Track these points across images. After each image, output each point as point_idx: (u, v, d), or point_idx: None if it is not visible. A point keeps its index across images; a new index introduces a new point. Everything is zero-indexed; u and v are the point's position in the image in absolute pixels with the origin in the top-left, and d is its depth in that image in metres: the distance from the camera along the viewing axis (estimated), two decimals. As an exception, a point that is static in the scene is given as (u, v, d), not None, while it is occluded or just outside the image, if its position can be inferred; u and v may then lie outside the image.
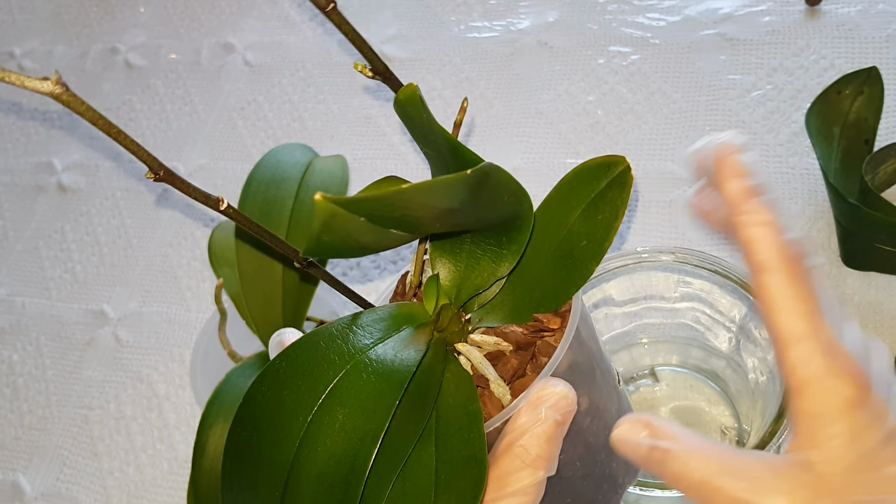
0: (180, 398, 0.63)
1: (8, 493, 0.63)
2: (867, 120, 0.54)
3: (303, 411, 0.28)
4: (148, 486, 0.60)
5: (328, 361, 0.29)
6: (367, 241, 0.27)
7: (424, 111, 0.28)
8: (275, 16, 0.83)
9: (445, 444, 0.29)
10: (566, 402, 0.29)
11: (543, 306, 0.32)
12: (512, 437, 0.29)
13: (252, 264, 0.48)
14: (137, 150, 0.25)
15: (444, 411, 0.29)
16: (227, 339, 0.51)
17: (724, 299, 0.47)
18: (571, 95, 0.68)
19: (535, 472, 0.29)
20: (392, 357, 0.29)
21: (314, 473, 0.27)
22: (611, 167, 0.30)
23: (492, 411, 0.30)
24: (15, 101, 0.88)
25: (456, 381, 0.30)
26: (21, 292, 0.74)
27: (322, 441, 0.27)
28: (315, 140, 0.73)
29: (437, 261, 0.33)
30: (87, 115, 0.23)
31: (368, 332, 0.30)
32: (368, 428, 0.27)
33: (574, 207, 0.31)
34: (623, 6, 0.71)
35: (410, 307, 0.32)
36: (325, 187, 0.48)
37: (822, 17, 0.65)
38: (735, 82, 0.64)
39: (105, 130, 0.24)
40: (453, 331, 0.32)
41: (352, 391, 0.28)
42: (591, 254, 0.31)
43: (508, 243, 0.31)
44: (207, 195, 0.27)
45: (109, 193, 0.77)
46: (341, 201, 0.23)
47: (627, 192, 0.30)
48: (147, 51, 0.86)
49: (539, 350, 0.31)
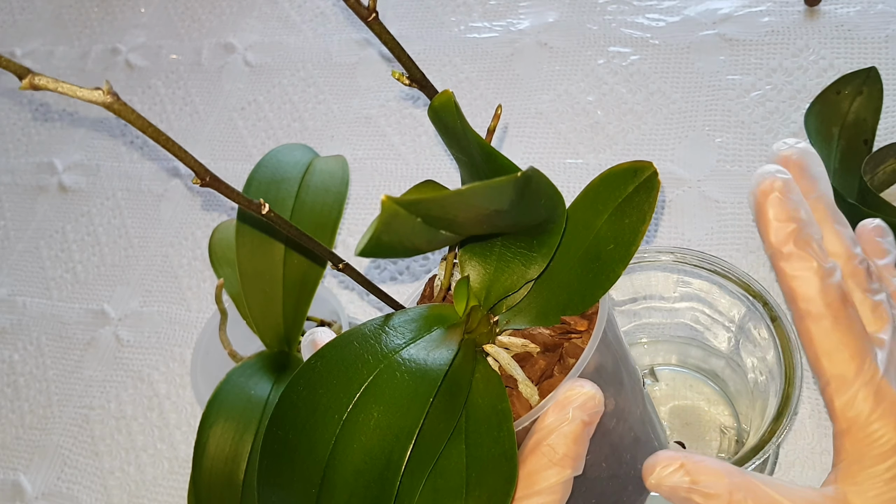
0: (181, 398, 0.64)
1: (9, 493, 0.63)
2: (866, 120, 0.54)
3: (338, 409, 0.28)
4: (149, 486, 0.60)
5: (362, 361, 0.29)
6: (418, 241, 0.27)
7: (459, 118, 0.29)
8: (275, 16, 0.84)
9: (475, 442, 0.29)
10: (593, 402, 0.30)
11: (570, 309, 0.32)
12: (539, 437, 0.30)
13: (252, 264, 0.48)
14: (185, 156, 0.26)
15: (474, 410, 0.30)
16: (227, 339, 0.51)
17: (723, 299, 0.47)
18: (571, 96, 0.68)
19: (562, 471, 0.29)
20: (424, 357, 0.29)
21: (350, 470, 0.28)
22: (637, 172, 0.31)
23: (520, 411, 0.31)
24: (16, 101, 0.88)
25: (485, 381, 0.31)
26: (22, 292, 0.74)
27: (358, 438, 0.28)
28: (315, 140, 0.73)
29: (467, 263, 0.33)
30: (138, 124, 0.24)
31: (400, 332, 0.31)
32: (403, 425, 0.27)
33: (601, 212, 0.32)
34: (623, 7, 0.71)
35: (441, 308, 0.33)
36: (326, 187, 0.48)
37: (822, 18, 0.65)
38: (734, 83, 0.64)
39: (154, 138, 0.24)
40: (482, 332, 0.33)
41: (386, 389, 0.28)
42: (618, 257, 0.31)
43: (539, 246, 0.31)
44: (250, 200, 0.28)
45: (110, 193, 0.77)
46: (404, 202, 0.23)
47: (654, 196, 0.31)
48: (148, 51, 0.86)
49: (566, 352, 0.32)
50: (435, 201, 0.24)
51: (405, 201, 0.23)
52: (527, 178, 0.25)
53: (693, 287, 0.48)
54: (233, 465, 0.43)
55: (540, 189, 0.28)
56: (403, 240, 0.26)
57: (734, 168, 0.60)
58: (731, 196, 0.59)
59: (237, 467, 0.43)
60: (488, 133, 0.33)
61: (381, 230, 0.24)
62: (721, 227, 0.58)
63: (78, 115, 0.84)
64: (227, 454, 0.43)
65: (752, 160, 0.60)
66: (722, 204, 0.59)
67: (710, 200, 0.60)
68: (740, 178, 0.60)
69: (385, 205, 0.23)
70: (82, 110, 0.84)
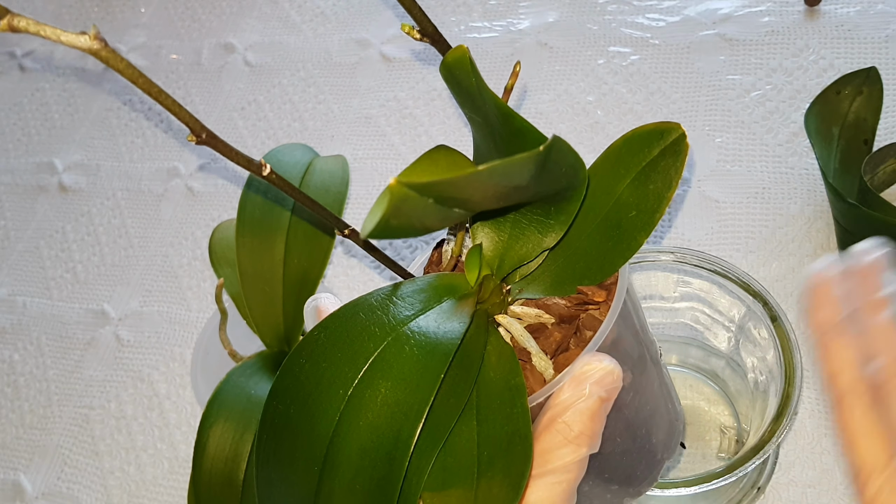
0: (181, 397, 0.64)
1: (9, 493, 0.63)
2: (866, 120, 0.54)
3: (343, 384, 0.27)
4: (149, 486, 0.60)
5: (368, 333, 0.28)
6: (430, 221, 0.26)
7: (474, 75, 0.27)
8: (275, 16, 0.84)
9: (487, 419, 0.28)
10: (612, 378, 0.28)
11: (588, 278, 0.30)
12: (554, 413, 0.28)
13: (252, 264, 0.48)
14: (179, 110, 0.24)
15: (486, 386, 0.28)
16: (227, 339, 0.51)
17: (723, 299, 0.47)
18: (571, 95, 0.68)
19: (577, 450, 0.28)
20: (435, 329, 0.28)
21: (356, 448, 0.26)
22: (664, 134, 0.29)
23: (534, 386, 0.29)
24: (16, 101, 0.88)
25: (497, 354, 0.29)
26: (22, 292, 0.74)
27: (364, 415, 0.26)
28: (315, 140, 0.73)
29: (479, 231, 0.32)
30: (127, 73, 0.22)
31: (409, 303, 0.29)
32: (413, 401, 0.26)
33: (623, 176, 0.30)
34: (623, 6, 0.71)
35: (451, 278, 0.31)
36: (326, 187, 0.48)
37: (822, 18, 0.65)
38: (734, 82, 0.64)
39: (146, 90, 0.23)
40: (494, 302, 0.31)
41: (394, 364, 0.27)
42: (641, 225, 0.29)
43: (557, 214, 0.29)
44: (250, 160, 0.26)
45: (110, 193, 0.77)
46: (415, 185, 0.22)
47: (682, 160, 0.28)
48: (148, 51, 0.86)
49: (583, 324, 0.30)
50: (450, 183, 0.22)
51: (417, 185, 0.22)
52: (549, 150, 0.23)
53: (693, 287, 0.48)
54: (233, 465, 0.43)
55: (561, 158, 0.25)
56: (414, 221, 0.24)
57: (734, 168, 0.60)
58: (731, 196, 0.59)
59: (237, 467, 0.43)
60: (505, 92, 0.31)
61: (391, 214, 0.22)
62: (721, 227, 0.58)
63: (78, 115, 0.84)
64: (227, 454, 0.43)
65: (752, 160, 0.60)
66: (722, 204, 0.59)
67: (710, 200, 0.60)
68: (740, 178, 0.60)
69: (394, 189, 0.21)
70: (82, 110, 0.84)
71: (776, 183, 0.59)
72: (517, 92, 0.69)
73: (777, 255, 0.56)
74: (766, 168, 0.60)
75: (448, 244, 0.34)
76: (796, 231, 0.57)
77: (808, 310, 0.30)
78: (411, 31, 0.30)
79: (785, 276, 0.55)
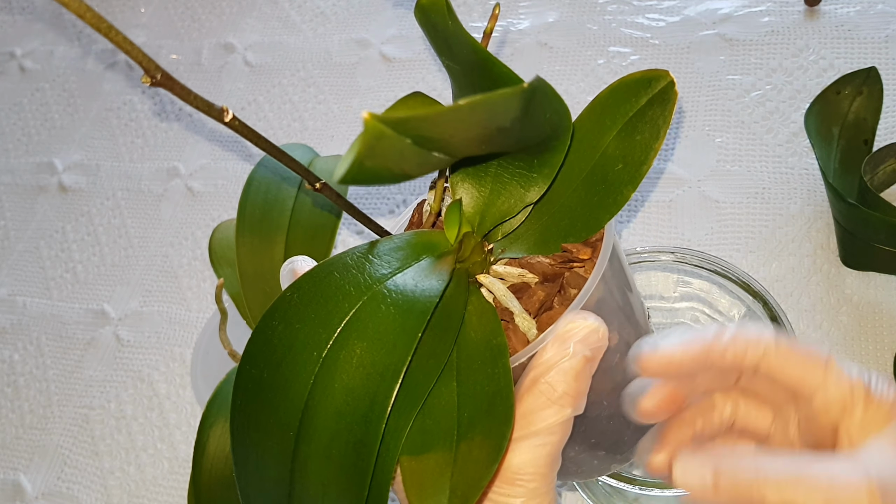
0: (181, 398, 0.64)
1: (9, 493, 0.63)
2: (866, 120, 0.54)
3: (317, 346, 0.26)
4: (149, 486, 0.60)
5: (343, 293, 0.27)
6: (408, 166, 0.24)
7: (451, 17, 0.26)
8: (275, 16, 0.84)
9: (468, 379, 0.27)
10: (597, 336, 0.27)
11: (573, 235, 0.29)
12: (537, 373, 0.27)
13: (252, 264, 0.48)
14: (131, 48, 0.22)
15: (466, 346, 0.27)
16: (227, 339, 0.51)
17: (723, 299, 0.47)
18: (571, 95, 0.68)
19: (561, 410, 0.27)
20: (413, 288, 0.27)
21: (331, 411, 0.25)
22: (652, 82, 0.28)
23: (517, 346, 0.28)
24: (16, 101, 0.88)
25: (478, 314, 0.28)
26: (22, 292, 0.74)
27: (339, 377, 0.25)
28: (315, 140, 0.73)
29: (459, 186, 0.30)
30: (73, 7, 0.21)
31: (386, 261, 0.28)
32: (389, 362, 0.25)
33: (609, 128, 0.29)
34: (623, 7, 0.71)
35: (430, 235, 0.30)
36: (326, 187, 0.48)
37: (822, 18, 0.65)
38: (734, 82, 0.64)
39: (94, 25, 0.21)
40: (475, 261, 0.30)
41: (370, 324, 0.26)
42: (628, 178, 0.28)
43: (540, 166, 0.28)
44: (210, 104, 0.25)
45: (110, 193, 0.77)
46: (391, 121, 0.20)
47: (670, 109, 0.28)
48: (148, 51, 0.86)
49: (567, 282, 0.29)
50: (428, 119, 0.21)
51: (392, 120, 0.20)
52: (532, 90, 0.22)
53: (693, 287, 0.48)
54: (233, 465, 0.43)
55: (545, 102, 0.24)
56: (390, 164, 0.23)
57: (734, 168, 0.60)
58: (731, 196, 0.59)
59: (237, 467, 0.43)
60: (484, 37, 0.30)
61: (365, 154, 0.21)
62: (721, 227, 0.58)
63: (78, 115, 0.84)
64: (227, 454, 0.43)
65: (752, 160, 0.60)
66: (722, 204, 0.59)
67: (710, 200, 0.60)
68: (740, 178, 0.60)
69: (368, 124, 0.20)
70: (82, 110, 0.84)
71: (776, 183, 0.59)
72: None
73: (777, 255, 0.56)
74: (766, 168, 0.60)
75: (427, 205, 0.32)
76: (796, 231, 0.57)
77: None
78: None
79: (785, 276, 0.55)
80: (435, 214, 0.32)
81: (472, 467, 0.25)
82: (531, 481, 0.27)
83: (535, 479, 0.27)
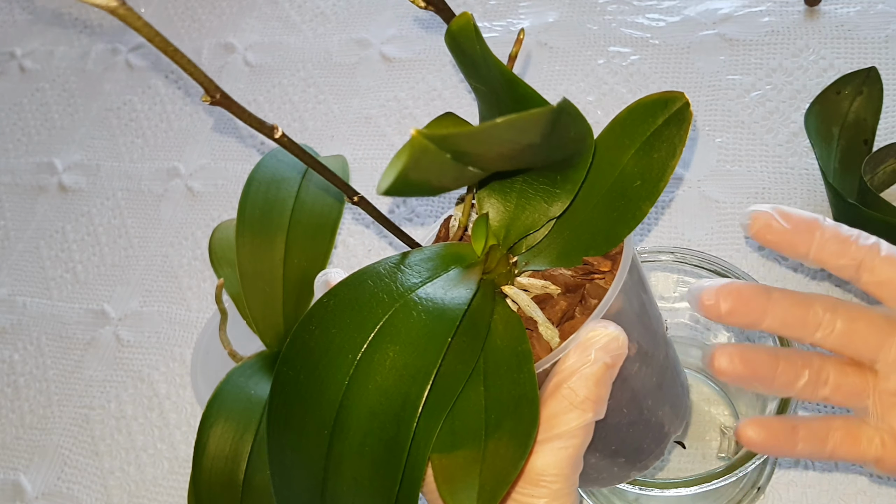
0: (181, 398, 0.64)
1: (9, 493, 0.63)
2: (866, 120, 0.54)
3: (352, 349, 0.28)
4: (149, 486, 0.60)
5: (377, 300, 0.28)
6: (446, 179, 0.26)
7: (479, 42, 0.28)
8: (275, 16, 0.84)
9: (495, 384, 0.28)
10: (617, 343, 0.29)
11: (594, 249, 0.31)
12: (560, 379, 0.28)
13: (252, 264, 0.48)
14: (194, 70, 0.24)
15: (493, 352, 0.29)
16: (227, 339, 0.51)
17: (723, 299, 0.47)
18: (571, 95, 0.68)
19: (583, 414, 0.28)
20: (442, 296, 0.28)
21: (365, 411, 0.27)
22: (668, 103, 0.29)
23: (540, 354, 0.30)
24: (16, 101, 0.88)
25: (504, 322, 0.30)
26: (22, 292, 0.74)
27: (373, 378, 0.27)
28: (315, 140, 0.73)
29: (486, 201, 0.32)
30: (144, 32, 0.22)
31: (416, 271, 0.30)
32: (421, 364, 0.27)
33: (628, 146, 0.30)
34: (623, 7, 0.71)
35: (458, 247, 0.31)
36: (326, 187, 0.48)
37: (822, 18, 0.65)
38: (734, 82, 0.64)
39: (161, 48, 0.23)
40: (501, 273, 0.31)
41: (402, 329, 0.27)
42: (646, 194, 0.30)
43: (563, 182, 0.30)
44: (262, 122, 0.27)
45: (110, 193, 0.77)
46: (435, 137, 0.22)
47: (685, 129, 0.29)
48: (148, 51, 0.86)
49: (588, 292, 0.31)
50: (467, 135, 0.23)
51: (437, 136, 0.22)
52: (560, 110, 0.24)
53: (693, 287, 0.48)
54: (233, 465, 0.43)
55: (570, 121, 0.26)
56: (431, 177, 0.25)
57: (734, 168, 0.60)
58: (731, 196, 0.59)
59: (237, 467, 0.43)
60: (510, 60, 0.32)
61: (410, 167, 0.22)
62: (721, 227, 0.58)
63: (78, 115, 0.84)
64: (227, 454, 0.43)
65: (752, 160, 0.60)
66: (722, 204, 0.59)
67: (710, 200, 0.60)
68: (740, 178, 0.60)
69: (415, 140, 0.21)
70: (82, 110, 0.84)
71: (776, 183, 0.59)
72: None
73: (777, 255, 0.56)
74: (766, 168, 0.60)
75: (455, 220, 0.34)
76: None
77: None
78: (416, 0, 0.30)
79: (785, 276, 0.55)
80: (462, 228, 0.33)
81: (499, 464, 0.26)
82: (554, 482, 0.28)
83: (559, 480, 0.28)
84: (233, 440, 0.43)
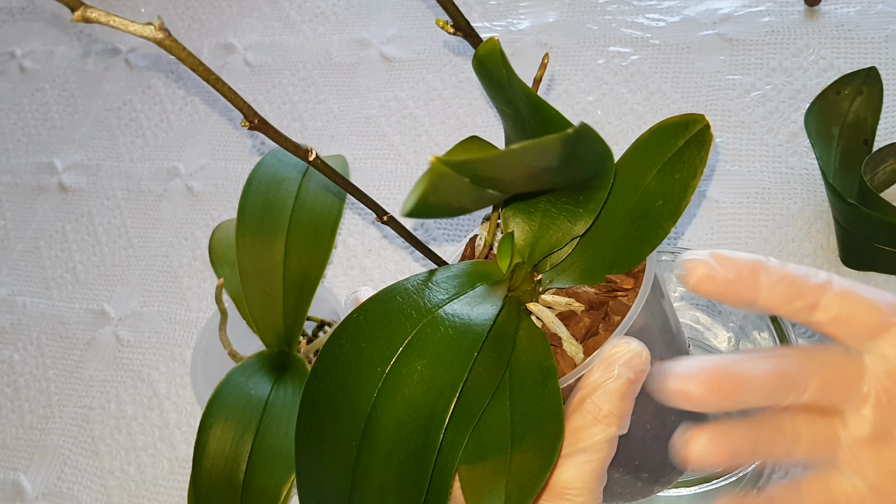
0: (181, 398, 0.64)
1: (9, 493, 0.63)
2: (866, 120, 0.54)
3: (381, 362, 0.28)
4: (149, 486, 0.60)
5: (405, 315, 0.29)
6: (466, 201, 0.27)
7: (505, 67, 0.28)
8: (275, 16, 0.84)
9: (520, 398, 0.29)
10: (640, 359, 0.29)
11: (617, 267, 0.32)
12: (584, 393, 0.29)
13: (252, 264, 0.48)
14: (235, 98, 0.26)
15: (518, 367, 0.30)
16: (227, 339, 0.51)
17: (723, 299, 0.47)
18: (571, 95, 0.68)
19: (606, 429, 0.29)
20: (468, 312, 0.29)
21: (393, 422, 0.28)
22: (689, 126, 0.30)
23: (564, 369, 0.30)
24: (16, 101, 0.88)
25: (529, 338, 0.30)
26: (22, 292, 0.74)
27: (401, 390, 0.28)
28: (315, 140, 0.73)
29: (511, 220, 0.33)
30: (189, 62, 0.24)
31: (443, 288, 0.31)
32: (448, 378, 0.27)
33: (650, 167, 0.31)
34: (623, 7, 0.71)
35: (484, 265, 0.32)
36: (326, 187, 0.48)
37: (822, 18, 0.65)
38: (734, 83, 0.64)
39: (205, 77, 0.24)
40: (525, 290, 0.32)
41: (430, 343, 0.28)
42: (668, 213, 0.30)
43: (585, 202, 0.31)
44: (297, 145, 0.28)
45: (110, 193, 0.77)
46: (452, 163, 0.23)
47: (706, 150, 0.30)
48: (148, 51, 0.86)
49: (612, 309, 0.31)
50: (484, 161, 0.24)
51: (454, 162, 0.23)
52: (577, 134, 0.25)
53: (693, 287, 0.48)
54: (233, 465, 0.43)
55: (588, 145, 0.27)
56: (451, 200, 0.26)
57: (734, 168, 0.60)
58: (731, 196, 0.59)
59: (237, 467, 0.43)
60: (534, 83, 0.33)
61: (429, 191, 0.23)
62: (721, 227, 0.58)
63: (78, 115, 0.84)
64: (227, 454, 0.43)
65: (752, 160, 0.60)
66: (722, 204, 0.59)
67: (710, 200, 0.60)
68: (740, 178, 0.60)
69: (434, 166, 0.22)
70: (82, 110, 0.84)
71: (776, 183, 0.59)
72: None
73: (777, 255, 0.56)
74: (766, 168, 0.60)
75: (480, 238, 0.35)
76: (796, 231, 0.57)
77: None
78: (445, 26, 0.31)
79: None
80: (488, 247, 0.34)
81: (525, 476, 0.27)
82: (578, 496, 0.29)
83: (583, 493, 0.29)
84: (233, 440, 0.43)
